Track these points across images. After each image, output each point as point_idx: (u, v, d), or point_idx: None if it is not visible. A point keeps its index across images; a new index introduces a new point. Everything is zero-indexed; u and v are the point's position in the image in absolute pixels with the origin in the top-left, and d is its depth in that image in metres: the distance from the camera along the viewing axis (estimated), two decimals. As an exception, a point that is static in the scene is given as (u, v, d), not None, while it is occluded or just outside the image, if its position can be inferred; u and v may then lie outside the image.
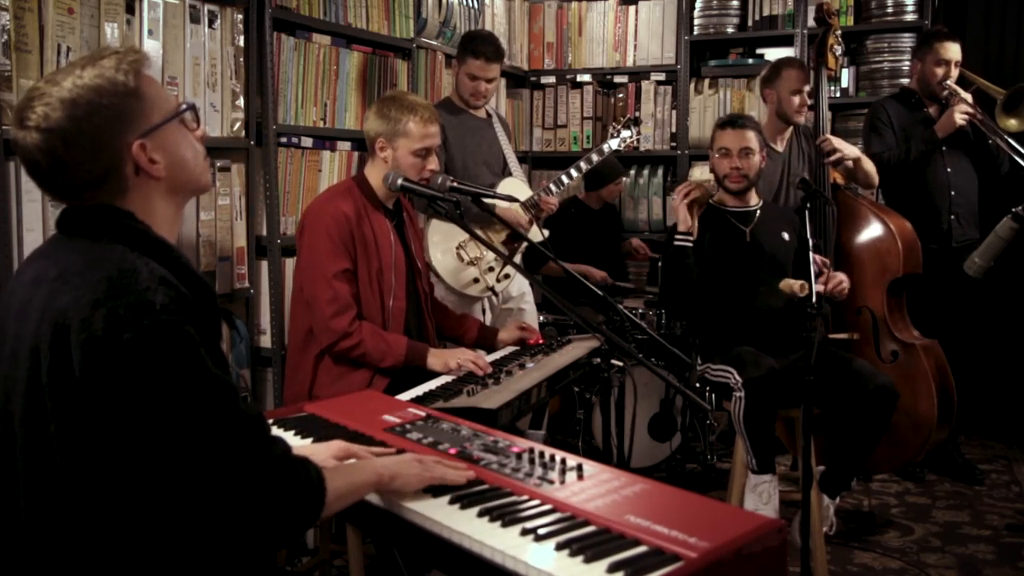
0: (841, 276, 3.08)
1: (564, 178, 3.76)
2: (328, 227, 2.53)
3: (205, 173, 1.46)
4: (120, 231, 1.30)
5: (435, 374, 2.52)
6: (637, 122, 3.96)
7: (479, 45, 3.51)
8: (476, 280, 3.45)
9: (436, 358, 2.55)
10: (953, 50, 3.75)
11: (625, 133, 3.90)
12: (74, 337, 1.20)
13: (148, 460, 1.22)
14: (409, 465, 1.51)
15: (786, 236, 3.19)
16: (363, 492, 1.47)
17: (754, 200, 3.24)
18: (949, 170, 3.78)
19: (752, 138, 3.13)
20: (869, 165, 3.63)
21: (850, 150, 3.57)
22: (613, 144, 3.88)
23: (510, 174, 3.75)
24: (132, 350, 1.19)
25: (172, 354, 1.21)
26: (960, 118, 3.63)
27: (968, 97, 3.69)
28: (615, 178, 4.45)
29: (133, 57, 1.35)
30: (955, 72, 3.77)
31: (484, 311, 3.67)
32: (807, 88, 3.56)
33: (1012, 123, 3.62)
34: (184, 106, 1.41)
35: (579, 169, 3.80)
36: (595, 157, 3.83)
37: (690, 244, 3.13)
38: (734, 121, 3.19)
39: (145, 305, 1.21)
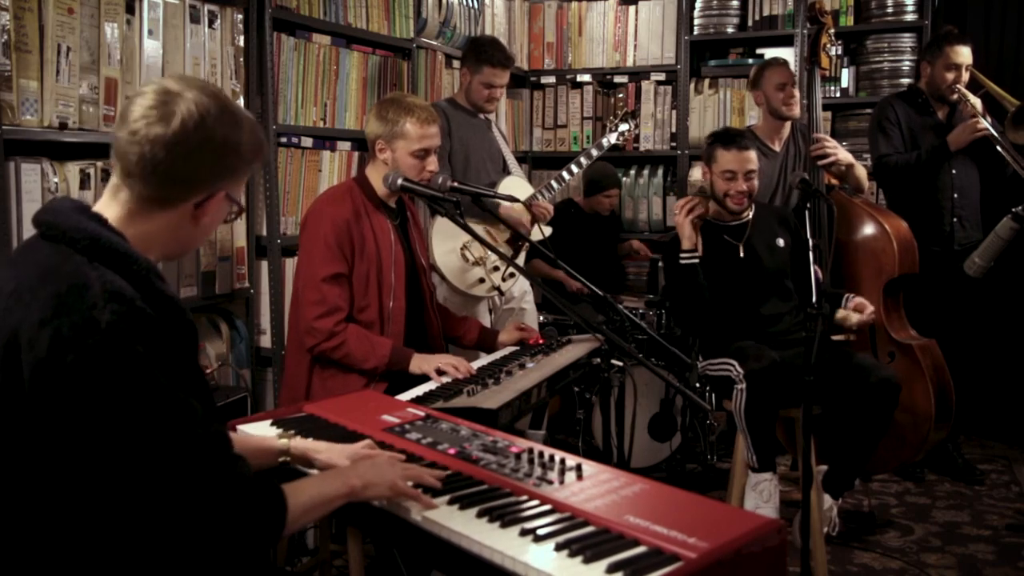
0: (864, 302, 3.03)
1: (565, 174, 3.77)
2: (326, 231, 2.53)
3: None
4: (82, 237, 1.28)
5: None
6: (634, 115, 3.97)
7: (494, 53, 3.55)
8: (482, 280, 3.45)
9: (419, 361, 2.54)
10: (964, 54, 3.72)
11: (623, 127, 3.90)
12: (24, 357, 1.19)
13: (99, 481, 1.21)
14: (383, 474, 1.48)
15: (780, 242, 3.17)
16: (334, 504, 1.45)
17: (744, 212, 3.19)
18: (954, 171, 3.77)
19: (754, 158, 3.10)
20: (861, 171, 3.62)
21: (844, 155, 3.55)
22: (612, 139, 3.88)
23: (510, 173, 3.76)
24: (75, 372, 1.17)
25: (116, 374, 1.19)
26: (974, 136, 3.59)
27: (978, 103, 3.67)
28: (607, 188, 4.44)
29: (263, 142, 1.45)
30: (966, 76, 3.74)
31: (491, 310, 3.68)
32: (792, 82, 3.56)
33: (1022, 135, 3.59)
34: (240, 200, 1.47)
35: (579, 164, 3.81)
36: (595, 152, 3.84)
37: (697, 260, 3.06)
38: (736, 141, 3.10)
39: (89, 323, 1.19)
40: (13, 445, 1.21)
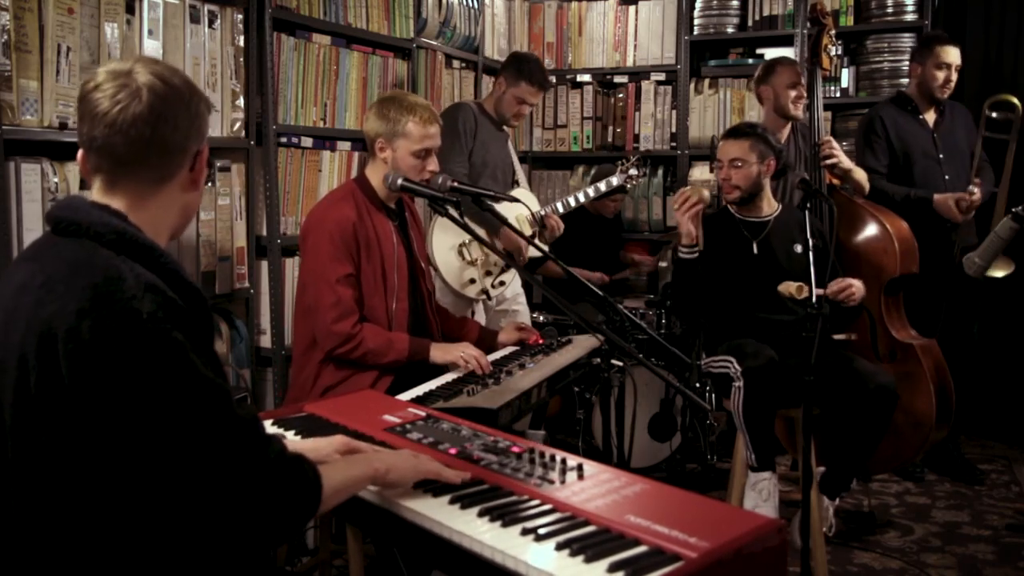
0: (850, 281, 2.96)
1: (571, 201, 3.80)
2: (331, 232, 2.53)
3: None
4: (108, 231, 1.29)
5: (438, 373, 2.52)
6: (646, 162, 3.98)
7: (535, 73, 3.59)
8: (473, 281, 3.45)
9: (439, 351, 2.56)
10: (953, 54, 3.76)
11: (633, 171, 3.93)
12: (61, 347, 1.20)
13: (142, 466, 1.22)
14: (405, 459, 1.53)
15: (798, 248, 3.14)
16: (360, 486, 1.48)
17: (766, 210, 3.18)
18: (947, 177, 3.80)
19: (744, 148, 3.08)
20: (861, 175, 3.63)
21: (846, 160, 3.57)
22: (620, 179, 3.92)
23: (517, 184, 3.78)
24: (121, 360, 1.19)
25: (161, 362, 1.21)
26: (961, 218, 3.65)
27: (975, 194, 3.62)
28: (613, 193, 4.44)
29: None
30: (954, 76, 3.77)
31: (473, 312, 3.69)
32: (802, 83, 3.57)
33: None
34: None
35: (586, 195, 3.89)
36: (603, 187, 3.89)
37: (695, 255, 3.05)
38: (731, 131, 3.17)
39: (132, 314, 1.20)
40: (53, 434, 1.21)
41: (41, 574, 1.25)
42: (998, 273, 3.51)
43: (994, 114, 3.87)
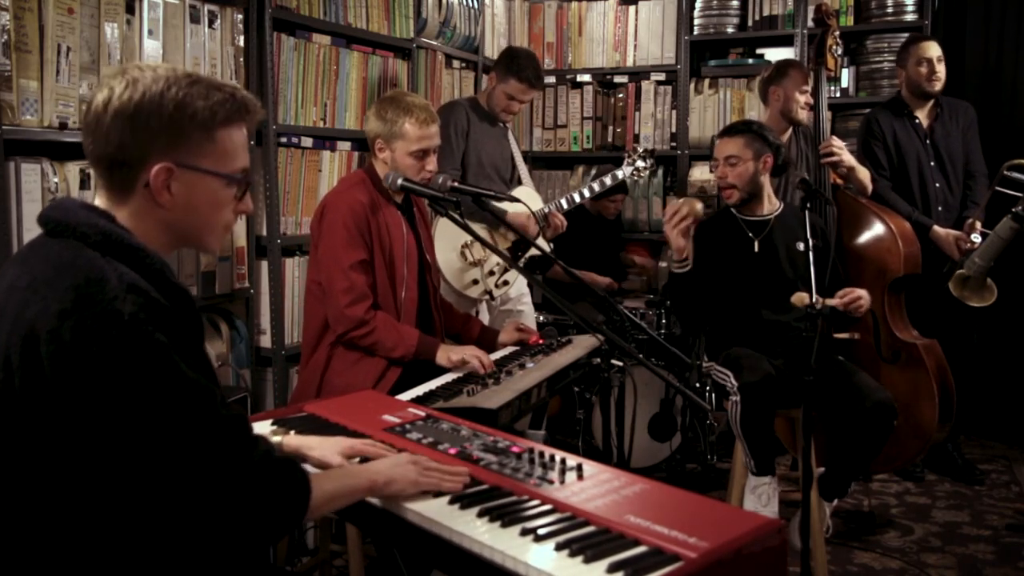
0: (859, 292, 2.93)
1: (576, 197, 3.79)
2: (344, 216, 2.55)
3: (216, 239, 1.45)
4: (94, 232, 1.29)
5: (441, 371, 2.53)
6: (652, 154, 3.97)
7: (525, 70, 3.54)
8: (476, 282, 3.45)
9: (444, 355, 2.57)
10: (931, 48, 3.77)
11: (639, 163, 3.92)
12: (43, 348, 1.20)
13: (125, 466, 1.22)
14: (406, 471, 1.50)
15: (801, 246, 3.13)
16: (356, 497, 1.47)
17: (767, 209, 3.16)
18: (937, 185, 3.82)
19: (739, 145, 3.07)
20: (864, 174, 3.63)
21: (848, 157, 3.57)
22: (627, 171, 3.91)
23: (519, 182, 3.77)
24: (101, 361, 1.19)
25: (142, 363, 1.21)
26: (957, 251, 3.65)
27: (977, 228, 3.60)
28: (613, 193, 4.44)
29: (248, 104, 1.40)
30: (939, 67, 3.77)
31: (478, 312, 3.69)
32: (809, 88, 3.58)
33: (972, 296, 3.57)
34: (239, 175, 1.41)
35: (591, 190, 3.86)
36: (608, 181, 3.88)
37: (687, 270, 3.01)
38: (726, 129, 3.16)
39: (113, 315, 1.20)
40: (37, 435, 1.21)
41: (24, 573, 1.25)
42: (978, 303, 3.49)
43: (1013, 174, 3.83)
